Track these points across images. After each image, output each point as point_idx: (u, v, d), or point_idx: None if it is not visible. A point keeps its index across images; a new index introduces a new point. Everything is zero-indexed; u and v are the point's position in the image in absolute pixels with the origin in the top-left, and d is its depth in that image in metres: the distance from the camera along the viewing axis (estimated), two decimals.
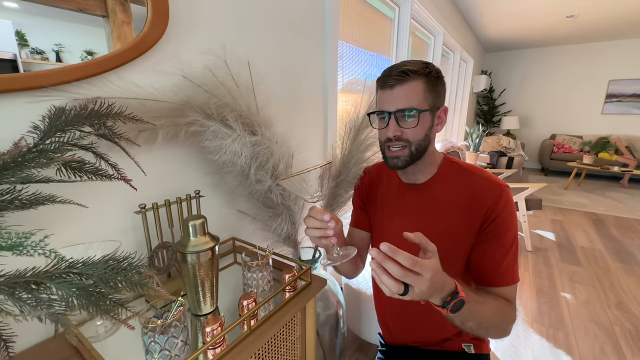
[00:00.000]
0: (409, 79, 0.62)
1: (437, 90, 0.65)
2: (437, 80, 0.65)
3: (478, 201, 0.66)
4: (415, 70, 0.62)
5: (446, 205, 0.69)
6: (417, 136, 0.65)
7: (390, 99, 0.64)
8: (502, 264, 0.65)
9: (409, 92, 0.63)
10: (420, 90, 0.63)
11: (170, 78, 0.66)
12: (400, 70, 0.62)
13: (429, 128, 0.66)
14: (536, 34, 4.52)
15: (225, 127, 0.63)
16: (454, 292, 0.51)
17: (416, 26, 2.56)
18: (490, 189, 0.66)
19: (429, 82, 0.63)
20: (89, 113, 0.48)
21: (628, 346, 1.49)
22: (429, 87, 0.63)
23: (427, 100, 0.64)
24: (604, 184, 4.69)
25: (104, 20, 0.59)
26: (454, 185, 0.70)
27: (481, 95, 5.94)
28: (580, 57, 5.20)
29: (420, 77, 0.62)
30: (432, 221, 0.71)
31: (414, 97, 0.63)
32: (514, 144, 4.63)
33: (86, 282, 0.36)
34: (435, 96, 0.65)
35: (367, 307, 1.29)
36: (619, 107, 5.04)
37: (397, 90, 0.63)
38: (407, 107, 0.63)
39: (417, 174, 0.73)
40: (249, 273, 0.66)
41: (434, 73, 0.64)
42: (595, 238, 2.75)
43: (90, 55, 0.58)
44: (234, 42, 0.81)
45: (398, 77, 0.62)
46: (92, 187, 0.59)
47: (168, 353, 0.48)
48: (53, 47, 0.55)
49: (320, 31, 1.19)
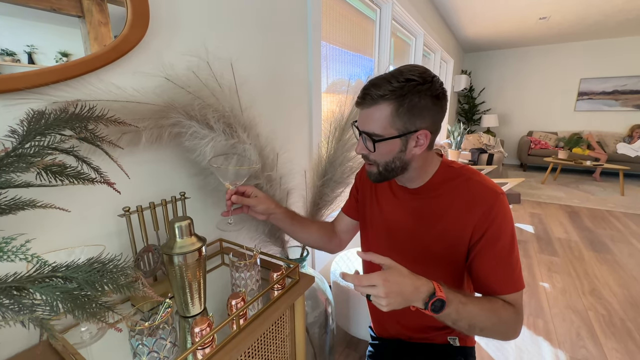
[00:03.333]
0: (373, 102, 0.59)
1: (411, 113, 0.58)
2: (417, 101, 0.57)
3: (471, 206, 0.65)
4: (382, 95, 0.57)
5: (440, 208, 0.68)
6: (382, 158, 0.64)
7: (360, 117, 0.64)
8: (499, 273, 0.64)
9: (372, 116, 0.60)
10: (385, 116, 0.58)
11: (153, 80, 0.66)
12: (365, 93, 0.60)
13: (399, 152, 0.62)
14: (512, 35, 4.70)
15: (206, 128, 0.63)
16: (432, 294, 0.54)
17: (397, 27, 2.61)
18: (484, 196, 0.64)
19: (399, 105, 0.57)
20: (69, 116, 0.48)
21: (602, 330, 1.57)
22: (399, 112, 0.58)
23: (394, 126, 0.59)
24: (577, 178, 4.91)
25: (79, 20, 0.58)
26: (448, 189, 0.68)
27: (462, 95, 6.12)
28: (553, 57, 5.44)
29: (387, 102, 0.58)
30: (425, 223, 0.71)
31: (377, 123, 0.59)
32: (493, 141, 4.79)
33: (70, 286, 0.35)
34: (407, 119, 0.58)
35: (356, 304, 1.31)
36: (590, 104, 5.31)
37: (364, 111, 0.62)
38: (368, 131, 0.61)
39: (407, 182, 0.72)
40: (236, 273, 0.67)
41: (410, 94, 0.57)
42: (571, 229, 2.89)
43: (65, 56, 0.56)
44: (217, 44, 0.81)
45: (362, 99, 0.61)
46: (75, 191, 0.58)
47: (157, 355, 0.48)
48: (25, 49, 0.53)
49: (303, 32, 1.21)
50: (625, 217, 3.16)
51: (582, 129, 5.35)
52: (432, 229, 0.70)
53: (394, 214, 0.76)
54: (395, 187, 0.76)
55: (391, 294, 0.52)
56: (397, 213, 0.76)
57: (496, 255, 0.64)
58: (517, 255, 0.65)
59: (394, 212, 0.76)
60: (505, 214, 0.64)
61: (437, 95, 0.59)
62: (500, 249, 0.64)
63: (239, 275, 0.66)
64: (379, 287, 0.52)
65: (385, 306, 0.52)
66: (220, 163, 0.67)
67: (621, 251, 2.43)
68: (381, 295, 0.52)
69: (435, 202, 0.69)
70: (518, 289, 0.64)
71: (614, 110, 5.15)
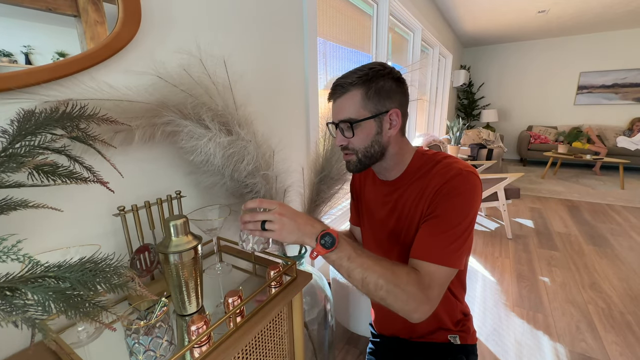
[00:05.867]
0: (344, 91, 0.65)
1: (380, 95, 0.64)
2: (383, 84, 0.64)
3: (432, 185, 0.65)
4: (350, 82, 0.64)
5: (413, 196, 0.69)
6: (361, 144, 0.67)
7: (333, 111, 0.68)
8: (428, 239, 0.62)
9: (345, 104, 0.65)
10: (357, 101, 0.64)
11: (145, 78, 0.65)
12: (335, 85, 0.66)
13: (376, 134, 0.66)
14: (511, 28, 4.67)
15: (201, 127, 0.63)
16: (324, 230, 0.58)
17: (395, 22, 2.60)
18: (444, 173, 0.64)
19: (368, 89, 0.63)
20: (60, 115, 0.47)
21: (601, 323, 1.58)
22: (368, 94, 0.63)
23: (367, 108, 0.64)
24: (577, 172, 4.91)
25: (75, 20, 0.57)
26: (420, 175, 0.69)
27: (461, 90, 6.09)
28: (553, 51, 5.41)
29: (356, 87, 0.63)
30: (402, 215, 0.72)
31: (351, 108, 0.64)
32: (493, 136, 4.77)
33: (62, 286, 0.35)
34: (377, 101, 0.64)
35: (356, 300, 1.31)
36: (589, 98, 5.29)
37: (337, 103, 0.67)
38: (344, 118, 0.65)
39: (386, 173, 0.75)
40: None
41: (375, 78, 0.63)
42: (571, 223, 2.88)
43: (62, 56, 0.56)
44: (210, 41, 0.81)
45: (333, 91, 0.67)
46: (69, 191, 0.58)
47: (153, 353, 0.48)
48: (22, 49, 0.53)
49: (299, 28, 1.20)
50: (625, 211, 3.16)
51: (582, 122, 5.34)
52: (408, 220, 0.71)
53: (379, 212, 0.79)
54: (380, 184, 0.78)
55: (285, 221, 0.57)
56: (381, 212, 0.78)
57: (437, 225, 0.62)
58: (462, 234, 0.60)
59: (378, 211, 0.79)
60: (463, 190, 0.62)
61: (399, 78, 0.67)
62: (446, 222, 0.61)
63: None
64: (274, 211, 0.57)
65: (276, 232, 0.57)
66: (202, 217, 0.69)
67: (621, 245, 2.42)
68: (275, 217, 0.56)
69: (409, 192, 0.71)
70: (440, 262, 0.59)
71: (614, 103, 5.13)
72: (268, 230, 0.57)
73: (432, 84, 4.04)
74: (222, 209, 0.76)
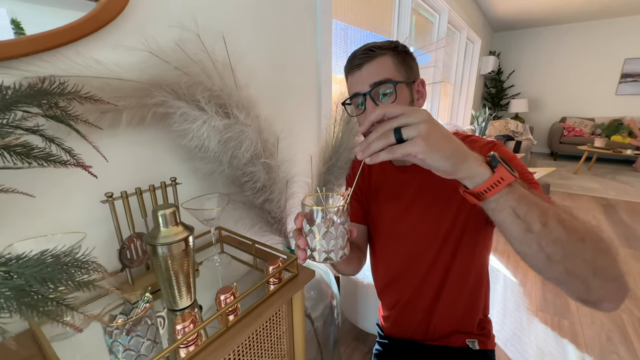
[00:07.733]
0: (375, 54, 0.60)
1: (407, 63, 0.62)
2: (406, 55, 0.62)
3: None
4: (380, 46, 0.60)
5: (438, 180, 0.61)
6: None
7: (360, 79, 0.61)
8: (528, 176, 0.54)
9: (379, 66, 0.59)
10: (390, 64, 0.60)
11: (137, 55, 0.60)
12: (365, 49, 0.61)
13: (410, 103, 0.62)
14: (547, 10, 4.29)
15: (196, 108, 0.57)
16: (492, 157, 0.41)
17: (420, 3, 2.42)
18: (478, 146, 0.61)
19: (398, 55, 0.61)
20: (35, 91, 0.43)
21: (636, 334, 1.44)
22: (398, 60, 0.61)
23: (400, 73, 0.61)
24: (615, 168, 4.55)
25: None
26: None
27: (489, 78, 5.73)
28: (593, 35, 4.94)
29: (387, 52, 0.60)
30: (429, 202, 0.66)
31: (386, 69, 0.59)
32: (522, 127, 4.49)
33: (18, 282, 0.31)
34: (408, 68, 0.62)
35: (364, 296, 1.25)
36: (634, 87, 4.82)
37: (366, 67, 0.60)
38: (381, 79, 0.59)
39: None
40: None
41: (400, 47, 0.62)
42: (605, 223, 2.67)
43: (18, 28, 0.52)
44: (208, 15, 0.74)
45: (364, 55, 0.60)
46: (58, 175, 0.55)
47: (133, 353, 0.44)
48: None
49: (312, 7, 1.11)
50: None
51: (624, 114, 4.89)
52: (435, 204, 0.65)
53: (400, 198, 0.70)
54: (395, 171, 0.71)
55: (434, 125, 0.38)
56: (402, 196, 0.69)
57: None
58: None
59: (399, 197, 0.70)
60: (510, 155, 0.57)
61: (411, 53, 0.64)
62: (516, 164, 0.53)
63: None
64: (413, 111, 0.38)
65: (423, 139, 0.36)
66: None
67: None
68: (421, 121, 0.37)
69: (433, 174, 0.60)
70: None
71: None
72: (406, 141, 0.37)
73: (458, 70, 3.79)
74: (221, 197, 0.72)
